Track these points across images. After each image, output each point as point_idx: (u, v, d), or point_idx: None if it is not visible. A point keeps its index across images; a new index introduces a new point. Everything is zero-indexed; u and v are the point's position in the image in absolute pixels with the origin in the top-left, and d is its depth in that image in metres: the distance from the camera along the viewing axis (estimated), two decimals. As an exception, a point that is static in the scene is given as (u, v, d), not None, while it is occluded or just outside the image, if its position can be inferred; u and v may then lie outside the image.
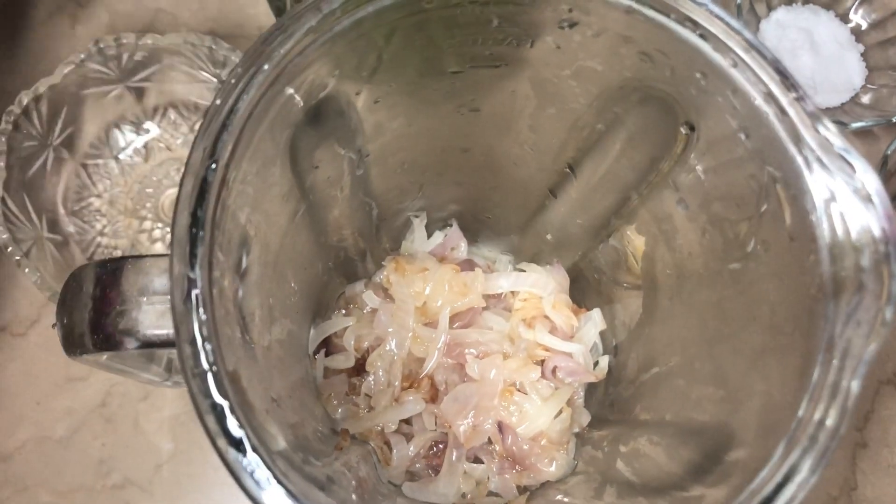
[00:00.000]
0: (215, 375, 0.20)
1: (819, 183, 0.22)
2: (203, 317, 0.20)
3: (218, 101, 0.21)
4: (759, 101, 0.23)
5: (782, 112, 0.23)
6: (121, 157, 0.49)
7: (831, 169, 0.22)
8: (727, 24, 0.23)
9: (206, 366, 0.20)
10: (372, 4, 0.23)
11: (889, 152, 0.48)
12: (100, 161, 0.48)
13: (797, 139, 0.22)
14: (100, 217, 0.48)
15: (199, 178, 0.21)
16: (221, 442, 0.20)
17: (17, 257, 0.41)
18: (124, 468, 0.45)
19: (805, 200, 0.23)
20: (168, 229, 0.49)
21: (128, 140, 0.49)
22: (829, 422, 0.21)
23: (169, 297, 0.23)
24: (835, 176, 0.22)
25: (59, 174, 0.47)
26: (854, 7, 0.54)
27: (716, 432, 0.27)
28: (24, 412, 0.45)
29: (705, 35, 0.23)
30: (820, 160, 0.22)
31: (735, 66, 0.23)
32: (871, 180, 0.22)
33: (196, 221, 0.21)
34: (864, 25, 0.54)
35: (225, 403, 0.20)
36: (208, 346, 0.20)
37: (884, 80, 0.53)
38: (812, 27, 0.53)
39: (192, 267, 0.21)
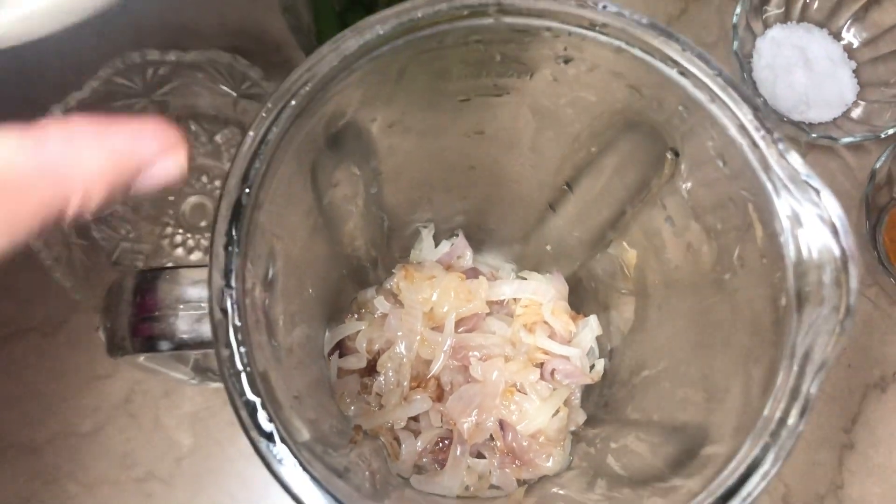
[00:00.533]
0: (248, 376, 0.22)
1: (786, 206, 0.24)
2: (238, 323, 0.22)
3: (251, 133, 0.24)
4: (733, 132, 0.25)
5: (753, 143, 0.25)
6: (144, 166, 0.51)
7: (796, 194, 0.24)
8: (706, 62, 0.25)
9: (240, 367, 0.22)
10: (387, 45, 0.25)
11: (877, 166, 0.49)
12: (125, 170, 0.50)
13: (766, 167, 0.24)
14: (124, 223, 0.49)
15: (233, 201, 0.23)
16: (254, 434, 0.22)
17: (48, 262, 0.42)
18: (147, 462, 0.46)
19: (774, 222, 0.24)
20: (189, 234, 0.51)
21: (151, 151, 0.51)
22: (790, 421, 0.23)
23: (200, 304, 0.25)
24: (800, 200, 0.24)
25: (87, 183, 0.49)
26: (847, 25, 0.54)
27: (695, 430, 0.28)
28: (52, 408, 0.46)
29: (685, 73, 0.25)
30: (786, 186, 0.24)
31: (713, 101, 0.25)
32: (832, 204, 0.24)
33: (231, 240, 0.23)
34: (856, 43, 0.54)
35: (257, 400, 0.22)
36: (242, 350, 0.22)
37: (875, 96, 0.53)
38: (806, 45, 0.54)
39: (229, 281, 0.23)
